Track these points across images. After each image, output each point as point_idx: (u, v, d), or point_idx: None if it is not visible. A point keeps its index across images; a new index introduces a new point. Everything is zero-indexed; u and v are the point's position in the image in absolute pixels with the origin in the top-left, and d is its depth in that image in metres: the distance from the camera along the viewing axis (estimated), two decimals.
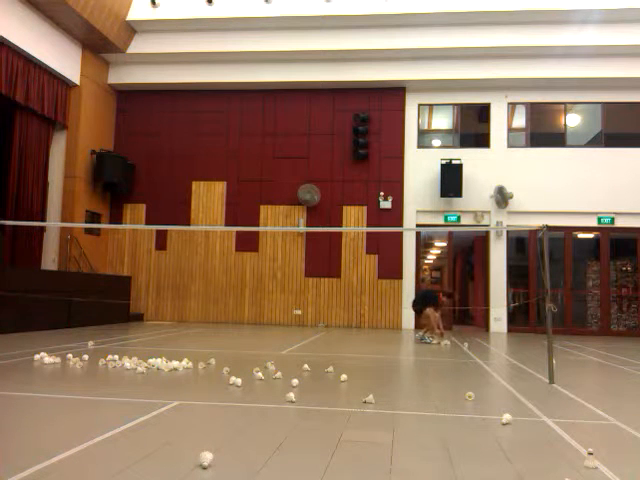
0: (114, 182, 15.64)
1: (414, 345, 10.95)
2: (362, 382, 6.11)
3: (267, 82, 15.89)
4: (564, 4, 14.14)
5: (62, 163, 14.94)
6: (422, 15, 14.48)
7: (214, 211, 16.24)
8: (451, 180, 15.24)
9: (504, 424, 4.20)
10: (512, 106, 16.11)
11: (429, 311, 11.13)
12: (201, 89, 16.42)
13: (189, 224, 16.08)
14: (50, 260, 14.47)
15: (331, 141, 16.02)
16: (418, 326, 11.83)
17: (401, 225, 15.43)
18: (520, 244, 16.17)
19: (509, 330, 15.32)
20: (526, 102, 15.97)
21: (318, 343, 10.55)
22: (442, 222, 15.65)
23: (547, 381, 6.32)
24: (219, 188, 16.28)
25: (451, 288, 15.85)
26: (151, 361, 6.62)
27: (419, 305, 11.36)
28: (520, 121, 16.17)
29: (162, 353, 7.49)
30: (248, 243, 15.98)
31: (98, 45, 15.13)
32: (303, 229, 15.79)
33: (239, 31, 15.25)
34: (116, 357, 6.86)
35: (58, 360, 6.73)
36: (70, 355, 7.05)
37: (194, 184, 16.35)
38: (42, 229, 14.28)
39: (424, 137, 16.43)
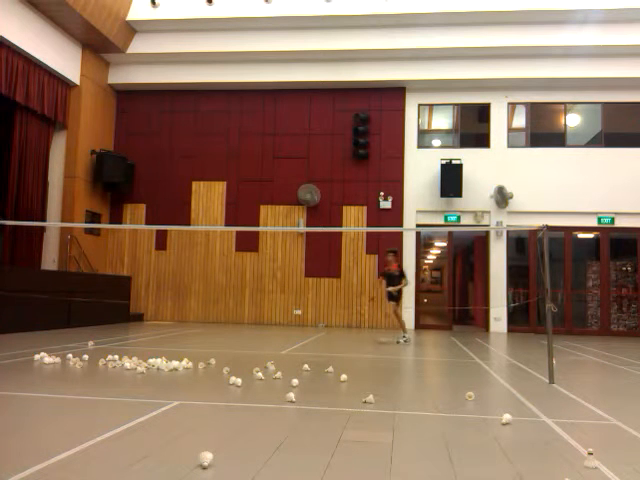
0: (114, 182, 15.64)
1: (414, 345, 10.94)
2: (362, 382, 6.11)
3: (267, 82, 15.89)
4: (564, 4, 14.13)
5: (62, 163, 14.93)
6: (422, 15, 14.47)
7: (214, 211, 16.24)
8: (451, 180, 15.23)
9: (504, 424, 4.20)
10: (512, 106, 16.11)
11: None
12: (201, 89, 16.41)
13: (189, 224, 16.08)
14: (50, 260, 14.47)
15: (331, 141, 16.02)
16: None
17: (401, 225, 15.43)
18: (520, 244, 16.16)
19: (509, 330, 15.32)
20: (526, 102, 15.96)
21: (318, 343, 10.55)
22: (442, 222, 15.65)
23: (547, 381, 6.32)
24: (219, 188, 16.28)
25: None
26: (151, 361, 6.62)
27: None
28: (520, 121, 16.17)
29: (162, 353, 7.48)
30: (248, 243, 15.97)
31: (98, 45, 15.13)
32: (303, 229, 15.78)
33: (239, 31, 15.24)
34: (116, 357, 6.86)
35: (58, 360, 6.73)
36: (70, 355, 7.05)
37: (194, 184, 16.35)
38: (42, 229, 14.28)
39: (424, 137, 16.43)
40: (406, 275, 11.48)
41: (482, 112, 16.23)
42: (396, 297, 11.26)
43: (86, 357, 7.06)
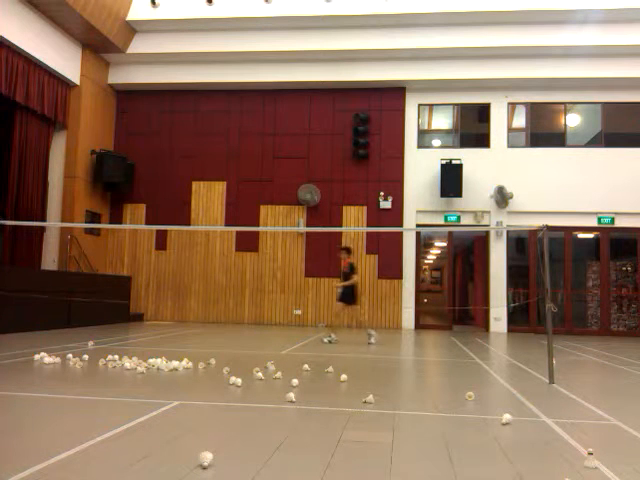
0: (114, 182, 15.64)
1: (414, 345, 10.94)
2: (362, 382, 6.10)
3: (267, 82, 15.89)
4: (564, 4, 14.14)
5: (62, 163, 14.93)
6: (422, 15, 14.47)
7: (214, 211, 16.24)
8: (451, 180, 15.23)
9: (504, 424, 4.20)
10: (512, 106, 16.11)
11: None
12: (201, 89, 16.41)
13: (189, 224, 16.08)
14: (50, 260, 14.47)
15: (331, 141, 16.02)
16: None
17: (401, 225, 15.43)
18: (520, 244, 16.17)
19: (509, 330, 15.32)
20: (526, 102, 15.96)
21: (318, 343, 10.54)
22: (442, 222, 15.64)
23: (547, 381, 6.32)
24: (219, 188, 16.28)
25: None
26: (151, 361, 6.62)
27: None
28: (520, 121, 16.17)
29: (162, 353, 7.49)
30: (248, 243, 15.97)
31: (98, 45, 15.13)
32: (303, 229, 15.78)
33: (239, 31, 15.24)
34: (116, 357, 6.86)
35: (58, 360, 6.73)
36: (70, 355, 7.05)
37: (194, 184, 16.35)
38: (42, 229, 14.28)
39: (424, 137, 16.43)
40: (355, 271, 11.03)
41: (482, 112, 16.23)
42: (349, 296, 10.75)
43: (86, 357, 7.06)
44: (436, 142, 16.71)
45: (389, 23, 14.75)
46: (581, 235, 15.85)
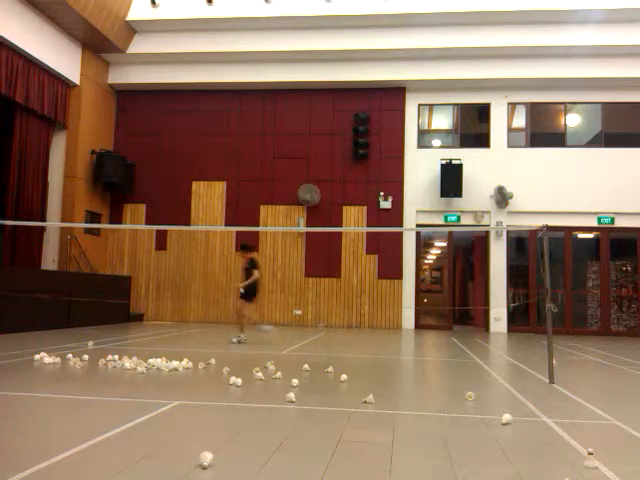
0: (114, 182, 15.64)
1: (414, 345, 10.94)
2: (362, 382, 6.11)
3: (267, 82, 15.89)
4: (564, 4, 14.14)
5: (62, 163, 14.93)
6: (422, 15, 14.47)
7: (214, 211, 16.24)
8: (451, 180, 15.23)
9: (504, 424, 4.20)
10: (512, 106, 16.11)
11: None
12: (201, 89, 16.41)
13: (189, 224, 16.08)
14: (50, 260, 14.46)
15: (331, 141, 16.02)
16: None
17: (401, 225, 15.43)
18: (520, 244, 16.16)
19: (509, 330, 15.31)
20: (526, 102, 15.96)
21: (318, 343, 10.54)
22: (442, 222, 15.64)
23: (547, 381, 6.32)
24: (219, 188, 16.27)
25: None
26: (151, 361, 6.62)
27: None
28: (520, 121, 16.17)
29: (162, 353, 7.49)
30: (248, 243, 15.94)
31: (98, 45, 15.13)
32: (303, 229, 15.78)
33: (239, 31, 15.25)
34: (116, 357, 6.86)
35: (58, 360, 6.73)
36: (70, 355, 7.05)
37: (194, 184, 16.35)
38: (42, 229, 14.27)
39: (424, 137, 16.42)
40: (257, 266, 10.40)
41: (482, 112, 16.23)
42: (248, 293, 10.23)
43: (86, 357, 7.06)
44: (436, 142, 16.70)
45: (389, 23, 14.75)
46: (581, 235, 15.85)
